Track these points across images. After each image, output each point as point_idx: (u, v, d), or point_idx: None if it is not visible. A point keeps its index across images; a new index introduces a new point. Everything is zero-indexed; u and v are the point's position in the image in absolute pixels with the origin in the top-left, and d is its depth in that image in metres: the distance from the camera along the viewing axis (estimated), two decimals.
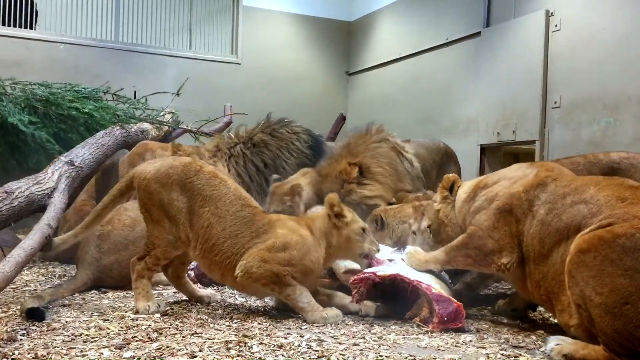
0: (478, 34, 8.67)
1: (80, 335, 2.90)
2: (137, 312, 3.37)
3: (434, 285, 3.29)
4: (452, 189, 3.69)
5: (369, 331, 3.16)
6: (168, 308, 3.51)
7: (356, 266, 3.70)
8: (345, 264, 3.81)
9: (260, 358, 2.59)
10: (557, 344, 2.75)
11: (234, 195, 3.54)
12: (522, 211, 3.17)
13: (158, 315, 3.33)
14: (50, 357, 2.50)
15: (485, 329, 3.28)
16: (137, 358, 2.52)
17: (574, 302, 2.67)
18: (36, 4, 9.80)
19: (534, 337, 3.11)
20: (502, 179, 3.41)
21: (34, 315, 3.20)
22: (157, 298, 3.70)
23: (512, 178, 3.35)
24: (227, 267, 3.44)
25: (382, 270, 3.43)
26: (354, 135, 5.41)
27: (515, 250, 3.16)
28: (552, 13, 7.37)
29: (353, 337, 3.01)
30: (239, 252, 3.42)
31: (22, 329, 2.98)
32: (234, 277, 3.42)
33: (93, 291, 4.07)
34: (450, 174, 3.77)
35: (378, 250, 3.57)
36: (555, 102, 7.24)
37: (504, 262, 3.17)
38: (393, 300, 3.55)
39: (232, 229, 3.44)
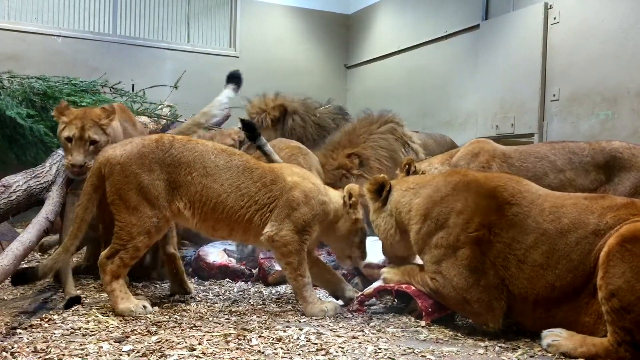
0: (477, 26, 8.65)
1: (80, 329, 2.90)
2: (120, 315, 3.13)
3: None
4: (380, 192, 3.47)
5: (368, 324, 3.17)
6: (155, 308, 3.36)
7: (373, 260, 3.84)
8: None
9: (259, 351, 2.59)
10: (554, 340, 2.72)
11: (217, 149, 3.45)
12: (496, 254, 2.94)
13: (151, 310, 3.24)
14: (50, 351, 2.50)
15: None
16: (136, 351, 2.52)
17: (608, 291, 2.54)
18: None
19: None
20: (452, 214, 3.08)
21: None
22: (136, 296, 3.42)
23: (464, 213, 3.04)
24: (237, 222, 3.38)
25: (367, 289, 3.56)
26: (360, 121, 5.42)
27: (499, 305, 2.94)
28: (550, 5, 7.35)
29: (352, 330, 3.01)
30: (250, 205, 3.37)
31: (21, 323, 2.98)
32: (243, 231, 3.42)
33: (92, 285, 4.07)
34: (380, 175, 3.55)
35: (363, 259, 3.67)
36: (554, 95, 7.23)
37: (490, 325, 2.97)
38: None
39: (230, 181, 3.37)
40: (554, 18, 7.29)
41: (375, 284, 3.51)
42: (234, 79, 4.84)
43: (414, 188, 3.37)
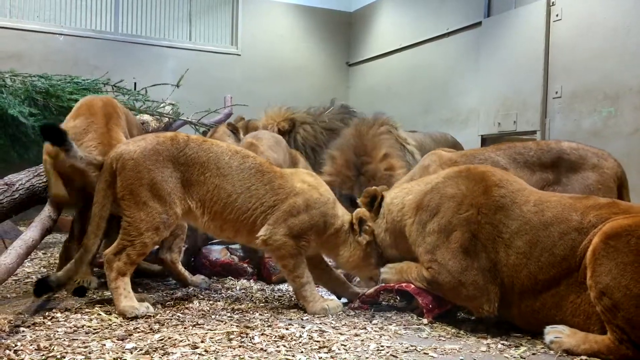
0: (479, 24, 8.63)
1: (83, 326, 2.91)
2: (122, 315, 3.11)
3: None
4: (373, 203, 3.55)
5: (370, 322, 3.18)
6: (158, 306, 3.37)
7: None
8: None
9: (261, 349, 2.60)
10: (557, 337, 2.72)
11: (231, 151, 3.46)
12: (486, 236, 2.99)
13: (153, 311, 3.22)
14: (53, 349, 2.51)
15: (485, 319, 3.29)
16: (139, 349, 2.53)
17: (598, 290, 2.56)
18: None
19: None
20: (444, 199, 3.17)
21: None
22: (139, 295, 3.43)
23: (455, 197, 3.12)
24: (242, 223, 3.39)
25: (368, 290, 3.55)
26: (359, 125, 5.44)
27: (494, 289, 2.97)
28: (553, 3, 7.33)
29: (354, 328, 3.02)
30: (256, 207, 3.38)
31: (24, 321, 2.99)
32: (248, 232, 3.41)
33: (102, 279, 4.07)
34: (371, 187, 3.61)
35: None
36: (556, 92, 7.21)
37: (486, 309, 2.99)
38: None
39: (241, 182, 3.38)
40: (556, 15, 7.27)
41: (375, 286, 3.53)
42: None
43: (407, 188, 3.50)
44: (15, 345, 2.54)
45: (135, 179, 3.23)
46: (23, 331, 2.80)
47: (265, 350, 2.57)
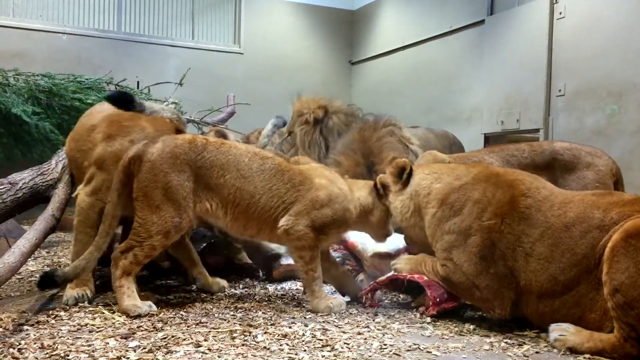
0: (482, 22, 8.62)
1: (86, 325, 2.91)
2: (125, 313, 3.11)
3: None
4: (401, 175, 3.51)
5: (373, 320, 3.17)
6: (161, 305, 3.38)
7: (381, 249, 3.88)
8: (372, 248, 3.94)
9: (264, 347, 2.60)
10: (561, 335, 2.72)
11: (250, 153, 3.47)
12: (506, 245, 2.98)
13: (156, 310, 3.21)
14: (57, 347, 2.51)
15: (489, 317, 3.29)
16: (142, 347, 2.53)
17: (612, 287, 2.55)
18: None
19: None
20: (469, 201, 3.14)
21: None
22: (143, 294, 3.40)
23: (480, 202, 3.10)
24: (265, 221, 3.41)
25: (380, 278, 3.58)
26: (363, 129, 5.46)
27: (508, 294, 2.98)
28: (556, 0, 7.31)
29: (357, 326, 3.02)
30: (278, 205, 3.40)
31: (28, 319, 2.99)
32: (270, 229, 3.44)
33: (97, 282, 4.07)
34: (402, 159, 3.59)
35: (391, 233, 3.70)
36: (560, 90, 7.20)
37: (497, 312, 3.02)
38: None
39: (263, 183, 3.39)
40: (560, 13, 7.26)
41: (387, 275, 3.55)
42: None
43: (437, 173, 3.42)
44: (19, 344, 2.54)
45: (151, 182, 3.21)
46: (27, 330, 2.81)
47: (269, 349, 2.58)
